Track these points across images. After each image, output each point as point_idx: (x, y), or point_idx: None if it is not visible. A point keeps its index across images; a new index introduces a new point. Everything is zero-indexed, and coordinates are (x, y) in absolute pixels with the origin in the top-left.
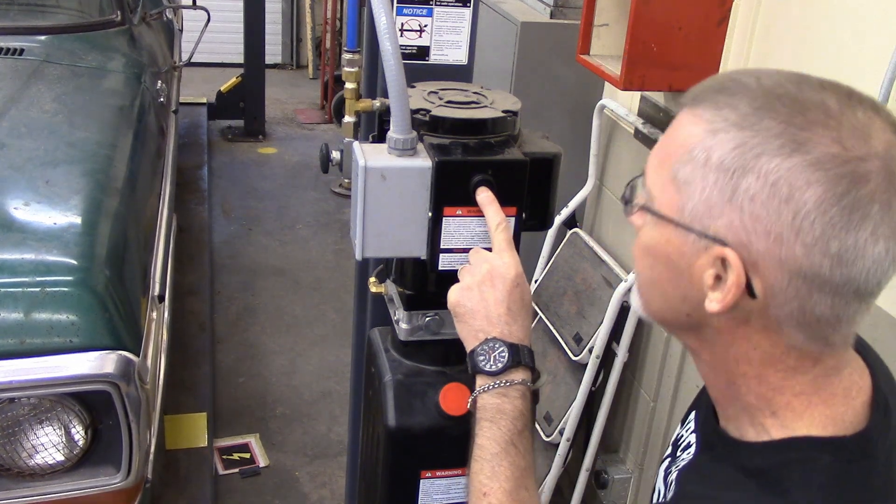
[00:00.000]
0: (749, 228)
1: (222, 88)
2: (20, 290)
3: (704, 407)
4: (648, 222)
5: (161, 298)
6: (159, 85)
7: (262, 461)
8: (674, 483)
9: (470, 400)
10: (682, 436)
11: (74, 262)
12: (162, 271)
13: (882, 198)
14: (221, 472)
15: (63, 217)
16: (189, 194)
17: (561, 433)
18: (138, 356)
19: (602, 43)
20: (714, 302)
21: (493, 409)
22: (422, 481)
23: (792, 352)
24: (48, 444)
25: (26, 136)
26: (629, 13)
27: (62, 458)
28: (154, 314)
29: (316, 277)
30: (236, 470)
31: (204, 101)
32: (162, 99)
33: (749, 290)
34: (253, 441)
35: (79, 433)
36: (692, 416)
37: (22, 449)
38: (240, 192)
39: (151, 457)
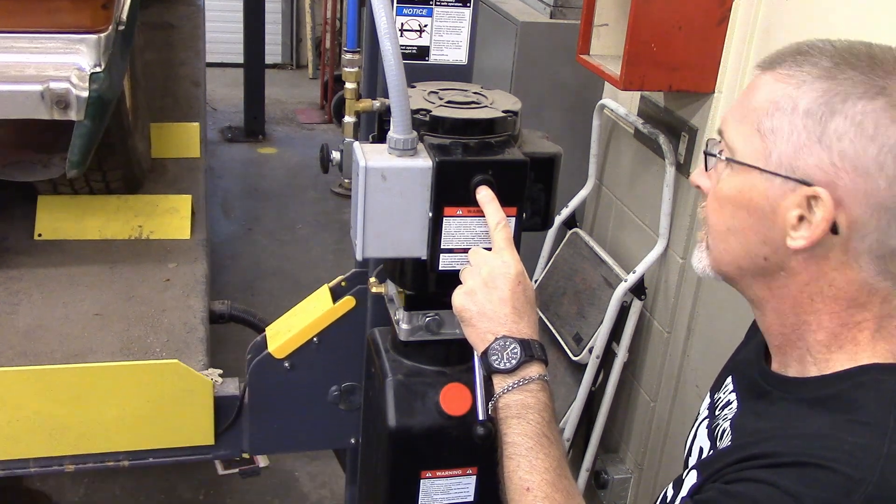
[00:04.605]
0: (837, 166)
1: None
2: None
3: (748, 366)
4: (729, 174)
5: None
6: None
7: (262, 461)
8: (728, 432)
9: (490, 404)
10: (720, 398)
11: None
12: None
13: None
14: (221, 472)
15: None
16: (183, 7)
17: (561, 433)
18: None
19: (602, 43)
20: (800, 239)
21: (518, 406)
22: (422, 481)
23: (864, 287)
24: None
25: None
26: (629, 13)
27: None
28: None
29: (316, 277)
30: (236, 470)
31: None
32: None
33: (832, 225)
34: None
35: None
36: (729, 380)
37: None
38: (240, 192)
39: None
